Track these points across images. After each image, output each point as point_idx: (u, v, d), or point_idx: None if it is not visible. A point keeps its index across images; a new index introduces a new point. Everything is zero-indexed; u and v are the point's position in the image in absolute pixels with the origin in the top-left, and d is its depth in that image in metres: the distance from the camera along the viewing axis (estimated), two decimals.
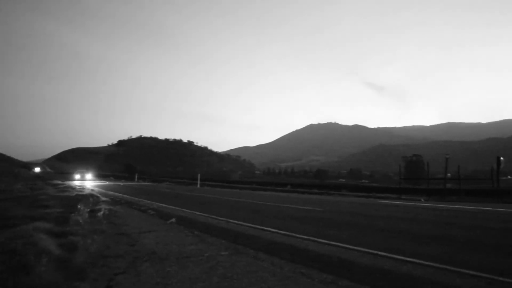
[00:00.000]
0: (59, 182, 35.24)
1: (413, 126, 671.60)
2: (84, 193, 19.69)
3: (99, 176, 67.14)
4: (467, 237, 7.51)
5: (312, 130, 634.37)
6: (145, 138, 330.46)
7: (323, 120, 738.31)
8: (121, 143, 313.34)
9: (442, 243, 6.82)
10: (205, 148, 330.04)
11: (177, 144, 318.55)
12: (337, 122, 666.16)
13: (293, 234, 7.78)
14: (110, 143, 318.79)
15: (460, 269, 4.87)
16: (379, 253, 5.92)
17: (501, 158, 23.66)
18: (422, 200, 21.76)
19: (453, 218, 11.64)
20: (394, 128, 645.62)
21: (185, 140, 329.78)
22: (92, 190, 24.21)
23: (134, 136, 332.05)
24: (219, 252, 5.97)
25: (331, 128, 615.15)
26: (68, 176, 59.03)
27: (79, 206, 11.76)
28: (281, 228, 8.70)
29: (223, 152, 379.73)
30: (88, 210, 11.25)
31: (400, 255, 5.74)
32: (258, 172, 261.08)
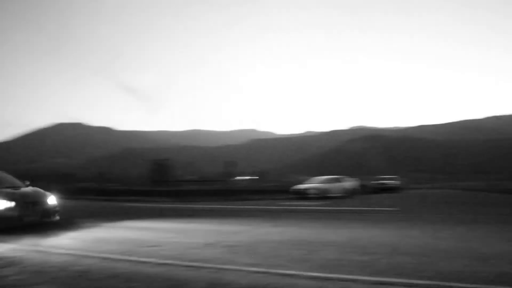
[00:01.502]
0: None
1: (164, 131, 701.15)
2: None
3: None
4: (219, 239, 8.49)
5: (57, 130, 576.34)
6: None
7: (70, 120, 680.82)
8: None
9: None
10: None
11: None
12: (85, 123, 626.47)
13: None
14: None
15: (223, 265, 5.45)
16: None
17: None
18: (167, 201, 23.17)
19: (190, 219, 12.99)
20: (145, 132, 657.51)
21: None
22: None
23: None
24: None
25: (79, 129, 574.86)
26: None
27: None
28: None
29: None
30: None
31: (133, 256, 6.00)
32: None
